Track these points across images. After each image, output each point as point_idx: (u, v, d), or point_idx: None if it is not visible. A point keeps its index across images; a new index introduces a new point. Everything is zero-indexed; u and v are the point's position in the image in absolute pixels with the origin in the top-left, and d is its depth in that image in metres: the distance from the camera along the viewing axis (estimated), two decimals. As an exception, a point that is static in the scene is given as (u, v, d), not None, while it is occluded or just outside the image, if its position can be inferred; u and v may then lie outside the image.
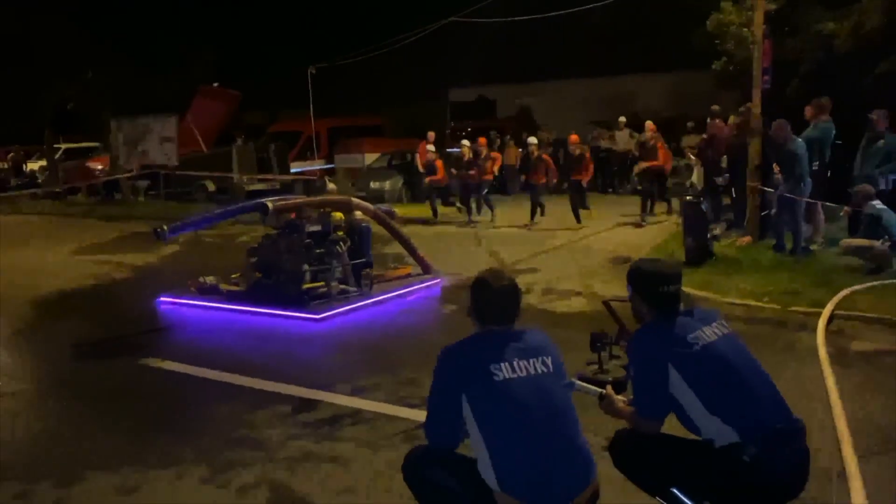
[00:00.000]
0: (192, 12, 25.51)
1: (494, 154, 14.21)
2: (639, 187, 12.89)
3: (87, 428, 4.36)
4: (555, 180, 12.95)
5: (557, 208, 12.64)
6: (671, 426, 2.70)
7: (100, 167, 20.52)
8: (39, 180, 22.41)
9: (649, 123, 12.45)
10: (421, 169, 14.83)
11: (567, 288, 7.59)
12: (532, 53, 25.27)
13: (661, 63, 22.37)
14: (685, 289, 2.90)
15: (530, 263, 8.96)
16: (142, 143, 18.43)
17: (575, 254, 9.58)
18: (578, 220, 11.88)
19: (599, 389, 2.84)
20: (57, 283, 8.63)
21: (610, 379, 3.18)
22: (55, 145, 22.76)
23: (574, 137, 12.91)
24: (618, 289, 7.04)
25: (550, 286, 7.68)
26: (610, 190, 17.03)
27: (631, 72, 23.74)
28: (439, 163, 13.93)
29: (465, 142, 13.70)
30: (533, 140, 13.12)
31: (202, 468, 3.72)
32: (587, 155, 12.60)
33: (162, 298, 7.34)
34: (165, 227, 6.87)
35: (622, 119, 16.90)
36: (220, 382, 5.04)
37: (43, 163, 23.26)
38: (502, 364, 2.46)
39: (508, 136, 18.01)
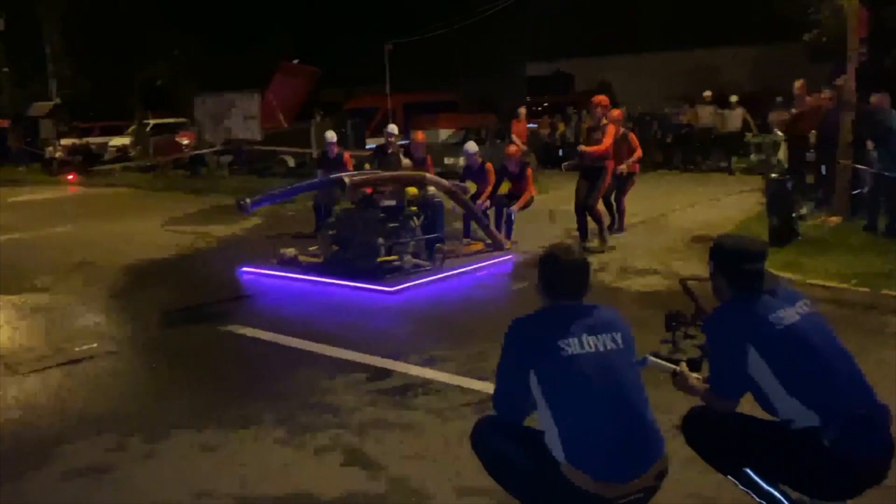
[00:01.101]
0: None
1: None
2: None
3: (174, 389, 4.61)
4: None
5: (637, 186, 12.37)
6: (743, 405, 2.64)
7: (186, 142, 21.30)
8: (131, 154, 23.45)
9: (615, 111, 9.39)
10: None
11: (643, 266, 7.45)
12: (612, 26, 24.63)
13: (746, 35, 21.40)
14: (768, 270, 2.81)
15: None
16: (226, 118, 19.02)
17: (653, 232, 9.38)
18: (585, 233, 8.53)
19: (673, 366, 2.80)
20: (147, 252, 9.07)
21: (684, 358, 3.12)
22: (144, 121, 23.77)
23: (616, 112, 9.40)
24: (696, 268, 6.88)
25: (626, 264, 7.56)
26: (691, 167, 16.53)
27: (714, 44, 22.78)
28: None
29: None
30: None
31: (279, 430, 3.88)
32: (631, 135, 9.56)
33: (244, 268, 7.62)
34: (248, 200, 7.11)
35: (707, 93, 16.27)
36: (297, 349, 5.22)
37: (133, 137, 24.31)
38: (571, 339, 2.45)
39: (585, 112, 17.67)
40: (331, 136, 10.19)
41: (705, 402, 2.72)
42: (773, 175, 8.83)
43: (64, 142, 24.04)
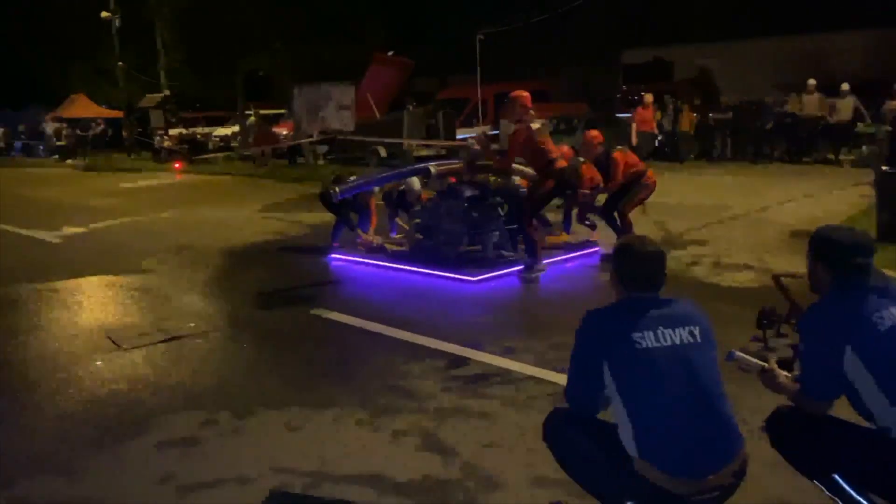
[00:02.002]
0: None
1: None
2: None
3: (262, 368, 4.81)
4: None
5: (737, 178, 11.91)
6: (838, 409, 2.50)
7: (284, 132, 22.04)
8: (233, 144, 24.49)
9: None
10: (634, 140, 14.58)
11: (737, 261, 7.16)
12: (713, 11, 23.65)
13: (860, 18, 20.05)
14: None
15: (700, 235, 8.53)
16: (322, 109, 19.53)
17: (750, 226, 8.99)
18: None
19: (761, 363, 2.68)
20: (244, 237, 9.46)
21: (775, 357, 2.99)
22: (246, 112, 24.75)
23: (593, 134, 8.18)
24: (793, 264, 6.55)
25: (720, 259, 7.29)
26: (795, 159, 15.72)
27: (824, 29, 21.47)
28: None
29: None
30: None
31: (360, 412, 3.98)
32: (616, 155, 7.64)
33: (333, 255, 7.83)
34: (337, 189, 7.28)
35: (811, 82, 15.41)
36: (380, 335, 5.32)
37: (235, 128, 25.39)
38: (646, 332, 2.39)
39: (682, 101, 17.12)
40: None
41: (795, 403, 2.59)
42: (885, 168, 8.28)
43: (172, 132, 25.39)
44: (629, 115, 17.97)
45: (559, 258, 7.39)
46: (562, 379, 4.13)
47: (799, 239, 7.77)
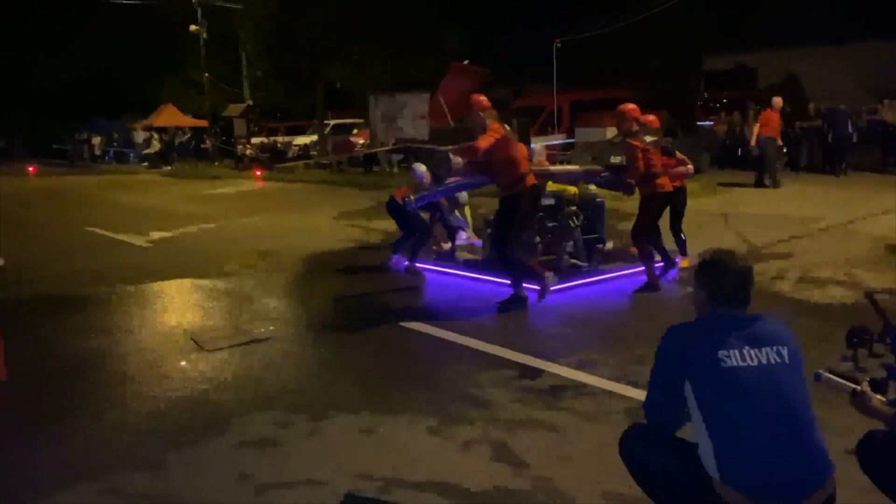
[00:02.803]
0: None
1: None
2: None
3: (338, 372, 4.89)
4: None
5: (826, 188, 11.41)
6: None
7: (361, 141, 22.46)
8: (311, 153, 25.11)
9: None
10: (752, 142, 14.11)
11: (826, 276, 6.84)
12: (800, 15, 22.76)
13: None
14: None
15: (785, 248, 8.20)
16: (398, 118, 19.81)
17: (840, 239, 8.58)
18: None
19: (852, 385, 2.55)
20: (322, 243, 9.68)
21: (867, 377, 2.84)
22: (325, 121, 25.34)
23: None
24: (887, 280, 6.22)
25: (807, 273, 6.98)
26: (890, 169, 14.95)
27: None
28: None
29: None
30: None
31: (431, 419, 3.99)
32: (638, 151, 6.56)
33: (405, 263, 7.90)
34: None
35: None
36: (452, 342, 5.34)
37: (314, 137, 26.03)
38: (731, 350, 2.31)
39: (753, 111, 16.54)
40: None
41: (890, 429, 2.45)
42: None
43: (254, 140, 26.25)
44: (710, 122, 17.51)
45: (637, 270, 7.24)
46: (638, 394, 4.07)
47: (893, 253, 7.39)
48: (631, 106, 6.58)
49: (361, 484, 3.34)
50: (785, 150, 15.26)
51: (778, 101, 14.23)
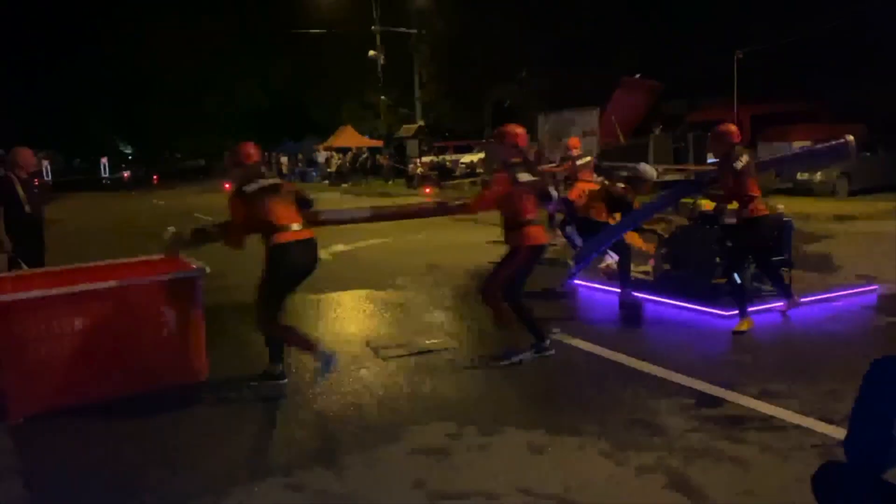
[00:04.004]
0: (618, 4, 26.15)
1: None
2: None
3: (505, 386, 4.94)
4: None
5: None
6: None
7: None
8: (478, 171, 25.64)
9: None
10: None
11: None
12: None
13: None
14: None
15: None
16: (566, 135, 19.73)
17: None
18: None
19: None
20: (488, 257, 9.69)
21: None
22: (490, 139, 25.78)
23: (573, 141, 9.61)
24: None
25: None
26: None
27: None
28: None
29: None
30: None
31: (603, 443, 3.91)
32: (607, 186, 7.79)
33: (575, 281, 7.81)
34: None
35: None
36: (623, 365, 5.20)
37: (481, 154, 26.55)
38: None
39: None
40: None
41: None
42: None
43: (424, 159, 27.27)
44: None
45: (829, 294, 6.69)
46: (831, 431, 3.77)
47: None
48: (733, 128, 5.96)
49: (532, 502, 3.34)
50: None
51: None
